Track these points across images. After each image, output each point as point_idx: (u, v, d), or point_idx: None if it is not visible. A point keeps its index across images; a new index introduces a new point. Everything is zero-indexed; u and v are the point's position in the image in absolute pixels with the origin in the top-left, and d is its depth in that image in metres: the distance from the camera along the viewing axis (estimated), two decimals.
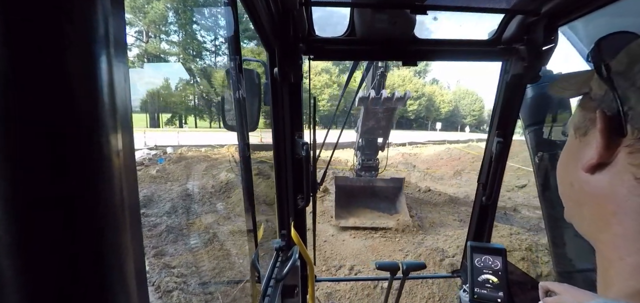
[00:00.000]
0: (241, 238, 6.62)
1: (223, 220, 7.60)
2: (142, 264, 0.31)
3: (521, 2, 1.26)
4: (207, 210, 8.12)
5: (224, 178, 10.43)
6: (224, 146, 18.53)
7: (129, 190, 0.28)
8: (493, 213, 1.87)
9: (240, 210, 8.14)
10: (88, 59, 0.24)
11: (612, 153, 0.40)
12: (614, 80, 0.40)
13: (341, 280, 4.87)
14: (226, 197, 9.31)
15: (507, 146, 1.68)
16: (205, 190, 9.61)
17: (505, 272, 1.64)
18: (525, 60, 1.39)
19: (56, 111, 0.22)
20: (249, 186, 1.07)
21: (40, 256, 0.23)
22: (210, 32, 51.33)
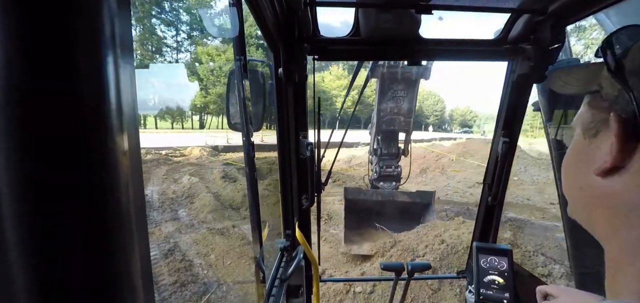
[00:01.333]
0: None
1: (193, 226, 7.38)
2: (148, 263, 0.32)
3: (528, 2, 1.25)
4: (168, 218, 7.89)
5: (186, 183, 10.20)
6: (188, 148, 18.22)
7: (134, 190, 0.28)
8: (499, 214, 1.85)
9: (208, 217, 8.03)
10: (95, 59, 0.24)
11: (627, 157, 0.39)
12: (629, 80, 0.38)
13: (346, 280, 4.85)
14: (189, 202, 8.98)
15: (513, 146, 1.66)
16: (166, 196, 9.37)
17: (512, 273, 1.63)
18: (531, 60, 1.38)
19: (63, 111, 0.22)
20: (253, 186, 1.07)
21: (47, 255, 0.23)
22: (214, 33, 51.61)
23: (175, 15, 53.75)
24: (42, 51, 0.21)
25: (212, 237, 6.62)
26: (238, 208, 8.69)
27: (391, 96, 6.49)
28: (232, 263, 5.82)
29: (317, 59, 1.46)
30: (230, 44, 11.49)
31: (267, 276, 1.45)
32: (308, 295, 1.81)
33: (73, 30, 0.22)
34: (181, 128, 49.87)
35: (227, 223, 7.48)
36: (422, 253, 5.51)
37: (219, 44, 45.13)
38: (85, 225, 0.24)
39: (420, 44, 1.44)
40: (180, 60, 50.43)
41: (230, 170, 11.94)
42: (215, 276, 5.37)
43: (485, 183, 1.82)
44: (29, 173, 0.22)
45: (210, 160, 16.06)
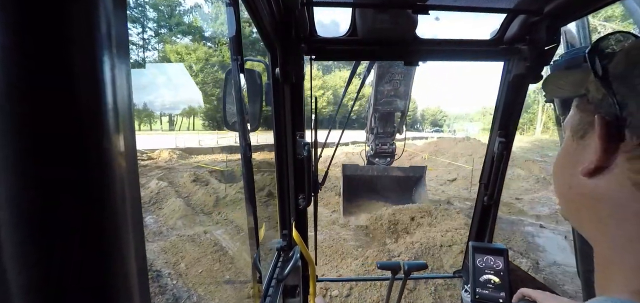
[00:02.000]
0: (188, 253, 6.23)
1: (162, 233, 7.20)
2: (144, 263, 0.32)
3: (523, 2, 1.26)
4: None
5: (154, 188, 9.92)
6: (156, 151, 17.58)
7: (130, 190, 0.28)
8: (495, 214, 1.86)
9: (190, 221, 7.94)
10: (90, 59, 0.24)
11: (611, 158, 0.40)
12: (613, 85, 0.40)
13: (343, 280, 4.86)
14: (157, 208, 8.78)
15: (509, 146, 1.67)
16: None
17: (507, 272, 1.64)
18: (527, 60, 1.39)
19: (59, 110, 0.22)
20: (250, 185, 1.07)
21: (43, 254, 0.23)
22: (212, 32, 51.39)
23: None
24: (38, 49, 0.21)
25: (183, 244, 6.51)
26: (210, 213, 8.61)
27: (389, 79, 6.86)
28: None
29: (314, 59, 1.46)
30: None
31: (263, 276, 1.45)
32: (305, 295, 1.81)
33: (69, 28, 0.22)
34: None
35: (203, 227, 7.42)
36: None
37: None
38: (82, 224, 0.24)
39: (417, 44, 1.45)
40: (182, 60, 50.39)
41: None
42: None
43: (482, 183, 1.83)
44: (25, 172, 0.22)
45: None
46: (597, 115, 0.41)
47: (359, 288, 4.71)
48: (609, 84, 0.40)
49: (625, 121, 0.38)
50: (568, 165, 0.49)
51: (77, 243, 0.24)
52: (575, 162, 0.46)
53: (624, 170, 0.39)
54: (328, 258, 6.06)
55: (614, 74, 0.40)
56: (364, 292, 4.67)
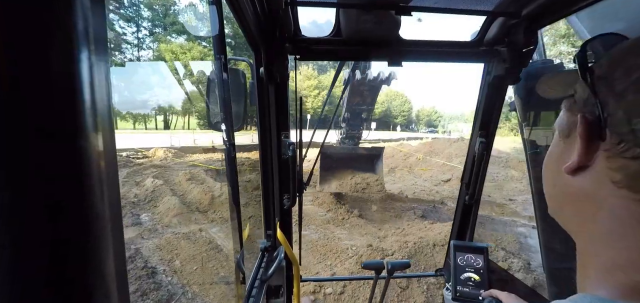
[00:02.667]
0: (184, 250, 6.16)
1: (157, 231, 7.08)
2: (123, 265, 0.31)
3: (502, 5, 1.29)
4: (129, 223, 7.56)
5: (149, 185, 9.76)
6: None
7: (110, 191, 0.28)
8: (476, 213, 1.90)
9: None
10: (68, 58, 0.23)
11: (592, 157, 0.42)
12: (596, 85, 0.41)
13: (326, 280, 4.87)
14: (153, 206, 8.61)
15: (489, 146, 1.71)
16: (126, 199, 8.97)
17: (487, 270, 1.68)
18: (506, 62, 1.42)
19: (35, 111, 0.22)
20: (234, 186, 1.06)
21: (20, 257, 0.22)
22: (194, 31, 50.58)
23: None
24: (13, 47, 0.21)
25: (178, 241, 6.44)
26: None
27: (359, 93, 8.78)
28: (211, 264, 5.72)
29: (299, 59, 1.46)
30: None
31: (247, 277, 1.44)
32: (288, 296, 1.81)
33: (45, 25, 0.22)
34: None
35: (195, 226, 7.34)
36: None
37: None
38: (58, 227, 0.24)
39: (400, 45, 1.46)
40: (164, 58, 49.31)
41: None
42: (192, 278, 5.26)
43: (463, 183, 1.86)
44: (4, 172, 0.21)
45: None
46: (580, 114, 0.42)
47: (352, 286, 4.74)
48: (593, 84, 0.41)
49: (606, 120, 0.39)
50: (554, 164, 0.50)
51: (52, 242, 0.23)
52: (560, 161, 0.47)
53: (604, 168, 0.40)
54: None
55: (598, 75, 0.41)
56: (358, 290, 4.69)
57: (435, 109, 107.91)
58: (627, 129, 0.36)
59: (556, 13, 1.25)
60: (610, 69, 0.39)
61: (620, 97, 0.37)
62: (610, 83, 0.39)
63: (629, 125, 0.36)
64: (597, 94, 0.40)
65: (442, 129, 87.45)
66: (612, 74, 0.39)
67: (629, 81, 0.37)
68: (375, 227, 8.06)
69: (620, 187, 0.38)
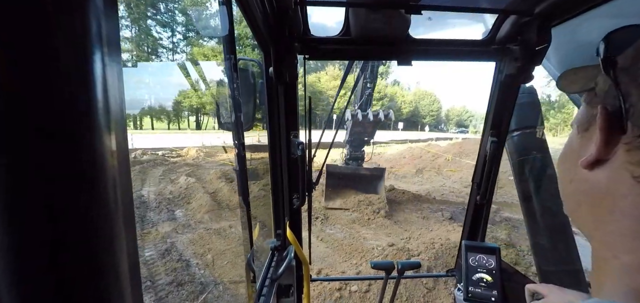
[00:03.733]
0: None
1: (190, 226, 7.32)
2: (136, 264, 0.31)
3: (514, 3, 1.27)
4: (165, 218, 7.82)
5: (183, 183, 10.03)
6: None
7: (123, 190, 0.28)
8: (487, 213, 1.88)
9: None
10: (82, 58, 0.24)
11: (611, 151, 0.40)
12: (619, 76, 0.39)
13: (337, 279, 4.86)
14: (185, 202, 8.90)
15: (501, 146, 1.69)
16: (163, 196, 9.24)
17: (500, 271, 1.65)
18: (518, 61, 1.40)
19: (49, 111, 0.22)
20: (244, 186, 1.06)
21: (34, 257, 0.23)
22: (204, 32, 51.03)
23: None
24: (28, 49, 0.21)
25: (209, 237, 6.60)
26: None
27: (361, 126, 9.74)
28: (227, 263, 5.79)
29: (308, 59, 1.46)
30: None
31: (257, 276, 1.45)
32: (299, 295, 1.81)
33: (59, 27, 0.22)
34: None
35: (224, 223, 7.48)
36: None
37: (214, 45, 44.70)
38: (72, 226, 0.24)
39: (409, 44, 1.45)
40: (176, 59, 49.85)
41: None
42: (210, 276, 5.34)
43: (474, 183, 1.84)
44: (15, 172, 0.22)
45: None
46: (600, 105, 0.41)
47: (377, 284, 4.71)
48: (615, 76, 0.40)
49: (627, 112, 0.38)
50: (570, 159, 0.48)
51: (67, 242, 0.24)
52: (577, 156, 0.45)
53: (623, 162, 0.38)
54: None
55: (622, 66, 0.39)
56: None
57: (466, 108, 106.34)
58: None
59: (570, 10, 1.22)
60: (634, 60, 0.38)
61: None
62: (634, 74, 0.37)
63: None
64: (619, 85, 0.39)
65: (473, 128, 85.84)
66: (636, 64, 0.38)
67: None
68: (401, 228, 8.06)
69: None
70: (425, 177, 16.00)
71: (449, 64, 21.96)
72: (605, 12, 1.17)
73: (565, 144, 0.52)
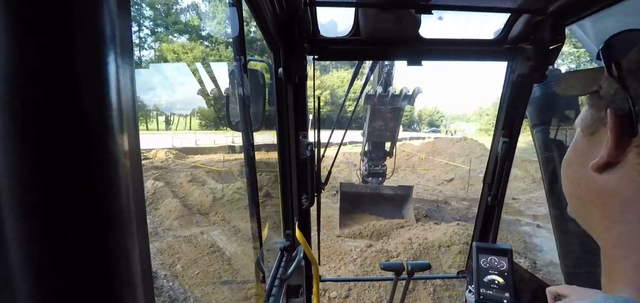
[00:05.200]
0: (185, 254, 6.13)
1: (158, 234, 7.12)
2: (148, 264, 0.32)
3: (527, 2, 1.25)
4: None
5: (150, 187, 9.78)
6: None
7: (134, 190, 0.28)
8: (499, 214, 1.85)
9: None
10: (95, 59, 0.24)
11: (622, 153, 0.40)
12: (626, 79, 0.39)
13: (346, 280, 4.85)
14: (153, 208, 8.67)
15: (513, 146, 1.66)
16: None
17: (511, 273, 1.63)
18: (531, 60, 1.38)
19: (63, 111, 0.22)
20: (253, 186, 1.07)
21: (46, 256, 0.23)
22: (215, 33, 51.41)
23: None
24: (42, 49, 0.21)
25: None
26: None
27: (380, 118, 7.96)
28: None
29: (317, 59, 1.46)
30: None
31: (267, 276, 1.45)
32: (308, 295, 1.81)
33: (73, 29, 0.22)
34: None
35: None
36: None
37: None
38: (87, 224, 0.24)
39: (420, 44, 1.44)
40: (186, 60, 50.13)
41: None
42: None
43: (485, 184, 1.82)
44: (30, 172, 0.22)
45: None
46: (610, 108, 0.41)
47: (357, 289, 4.70)
48: (622, 79, 0.40)
49: (637, 115, 0.38)
50: (578, 162, 0.48)
51: (81, 242, 0.24)
52: (585, 159, 0.46)
53: (634, 165, 0.39)
54: None
55: (627, 68, 0.40)
56: (363, 293, 4.65)
57: (438, 109, 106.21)
58: None
59: (584, 9, 1.20)
60: (639, 62, 0.38)
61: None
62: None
63: None
64: (627, 87, 0.39)
65: (444, 128, 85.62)
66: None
67: None
68: (379, 227, 7.81)
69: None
70: (400, 176, 16.09)
71: (423, 65, 22.02)
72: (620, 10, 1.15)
73: (570, 146, 0.52)
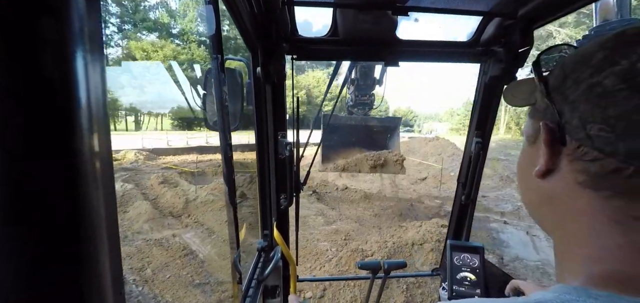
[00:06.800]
0: (156, 258, 6.03)
1: (127, 238, 6.95)
2: (119, 268, 0.31)
3: (498, 5, 1.30)
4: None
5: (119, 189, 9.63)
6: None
7: (105, 193, 0.28)
8: (472, 212, 1.91)
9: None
10: (63, 58, 0.23)
11: (557, 161, 0.44)
12: (552, 95, 0.44)
13: (323, 279, 4.87)
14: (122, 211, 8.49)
15: (485, 146, 1.72)
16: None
17: (483, 270, 1.68)
18: (502, 62, 1.43)
19: (29, 111, 0.22)
20: (230, 186, 1.05)
21: (12, 262, 0.22)
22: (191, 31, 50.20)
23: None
24: (7, 47, 0.20)
25: None
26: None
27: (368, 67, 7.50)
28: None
29: (296, 59, 1.46)
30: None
31: (244, 277, 1.44)
32: (285, 295, 1.80)
33: (39, 25, 0.22)
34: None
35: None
36: None
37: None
38: (52, 229, 0.23)
39: (396, 45, 1.47)
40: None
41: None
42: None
43: (459, 183, 1.87)
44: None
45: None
46: (542, 122, 0.45)
47: (332, 288, 4.72)
48: (549, 94, 0.44)
49: (564, 127, 0.42)
50: (526, 169, 0.53)
51: (48, 249, 0.23)
52: (530, 165, 0.50)
53: (568, 171, 0.43)
54: None
55: (553, 85, 0.44)
56: (338, 293, 4.68)
57: (411, 109, 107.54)
58: (583, 134, 0.39)
59: (551, 13, 1.25)
60: (562, 80, 0.43)
61: (573, 106, 0.40)
62: (564, 93, 0.42)
63: (584, 130, 0.39)
64: (554, 103, 0.43)
65: (418, 128, 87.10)
66: (564, 84, 0.42)
67: (578, 91, 0.40)
68: (354, 228, 8.02)
69: (584, 187, 0.41)
70: (376, 176, 16.08)
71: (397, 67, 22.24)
72: None
73: (520, 153, 0.57)
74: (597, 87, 0.37)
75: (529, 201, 0.55)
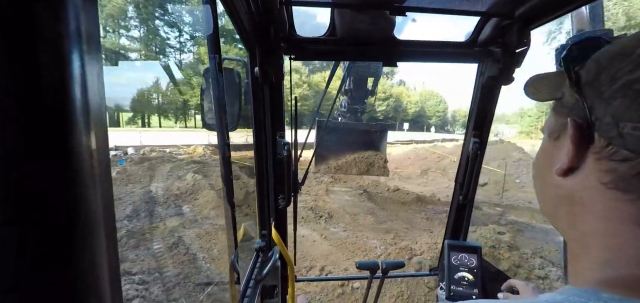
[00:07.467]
0: (221, 240, 6.44)
1: (197, 221, 7.37)
2: (117, 269, 0.31)
3: (496, 6, 1.30)
4: (173, 213, 7.90)
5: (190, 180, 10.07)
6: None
7: (103, 192, 0.28)
8: (469, 212, 1.91)
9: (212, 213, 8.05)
10: (60, 57, 0.23)
11: (582, 159, 0.43)
12: (584, 90, 0.42)
13: (321, 279, 4.86)
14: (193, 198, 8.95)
15: (483, 146, 1.72)
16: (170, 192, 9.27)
17: (480, 269, 1.69)
18: (500, 62, 1.43)
19: (25, 110, 0.21)
20: (228, 186, 1.05)
21: (11, 261, 0.22)
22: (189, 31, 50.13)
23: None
24: (9, 50, 0.20)
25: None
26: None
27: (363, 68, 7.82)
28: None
29: (294, 59, 1.46)
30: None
31: (242, 277, 1.44)
32: (283, 295, 1.80)
33: (36, 24, 0.22)
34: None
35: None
36: None
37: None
38: (50, 229, 0.23)
39: (394, 45, 1.47)
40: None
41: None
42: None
43: (457, 183, 1.87)
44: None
45: None
46: (570, 118, 0.43)
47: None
48: (581, 89, 0.42)
49: (594, 124, 0.40)
50: (545, 166, 0.51)
51: (45, 248, 0.23)
52: (551, 163, 0.48)
53: (593, 170, 0.41)
54: None
55: (585, 79, 0.42)
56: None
57: None
58: (615, 133, 0.37)
59: (549, 13, 1.26)
60: (597, 74, 0.40)
61: (607, 102, 0.38)
62: (597, 88, 0.40)
63: (616, 128, 0.37)
64: (585, 98, 0.41)
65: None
66: (599, 79, 0.40)
67: (615, 87, 0.37)
68: (404, 229, 8.10)
69: (609, 188, 0.39)
70: (430, 178, 16.06)
71: (456, 65, 22.47)
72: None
73: (538, 150, 0.55)
74: (637, 84, 0.35)
75: (545, 200, 0.53)
